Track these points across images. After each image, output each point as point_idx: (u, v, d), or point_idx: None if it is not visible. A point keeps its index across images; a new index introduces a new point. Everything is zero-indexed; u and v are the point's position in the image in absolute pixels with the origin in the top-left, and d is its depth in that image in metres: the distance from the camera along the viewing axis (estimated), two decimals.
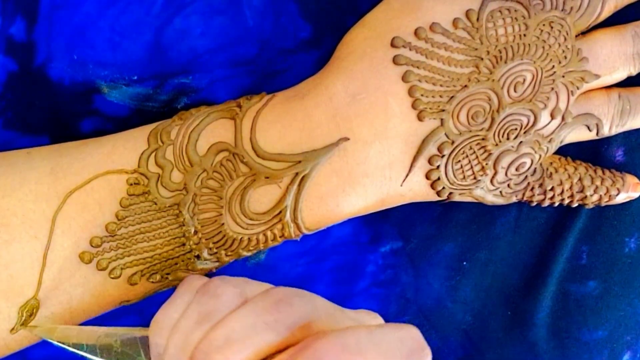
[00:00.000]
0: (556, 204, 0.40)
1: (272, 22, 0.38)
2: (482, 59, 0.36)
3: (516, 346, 0.42)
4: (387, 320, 0.32)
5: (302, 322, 0.27)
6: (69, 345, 0.35)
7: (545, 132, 0.38)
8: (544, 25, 0.37)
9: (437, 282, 0.42)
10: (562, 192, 0.40)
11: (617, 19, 0.39)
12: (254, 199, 0.36)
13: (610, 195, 0.40)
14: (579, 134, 0.39)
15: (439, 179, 0.37)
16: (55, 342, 0.35)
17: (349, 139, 0.36)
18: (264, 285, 0.31)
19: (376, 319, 0.31)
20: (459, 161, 0.37)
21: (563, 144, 0.39)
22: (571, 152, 0.40)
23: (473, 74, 0.36)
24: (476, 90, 0.36)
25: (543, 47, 0.37)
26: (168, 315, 0.31)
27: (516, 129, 0.37)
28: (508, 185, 0.39)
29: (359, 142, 0.36)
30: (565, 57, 0.37)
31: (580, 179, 0.40)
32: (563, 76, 0.37)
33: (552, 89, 0.37)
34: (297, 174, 0.36)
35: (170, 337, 0.30)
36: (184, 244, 0.36)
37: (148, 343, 0.33)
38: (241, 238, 0.36)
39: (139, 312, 0.41)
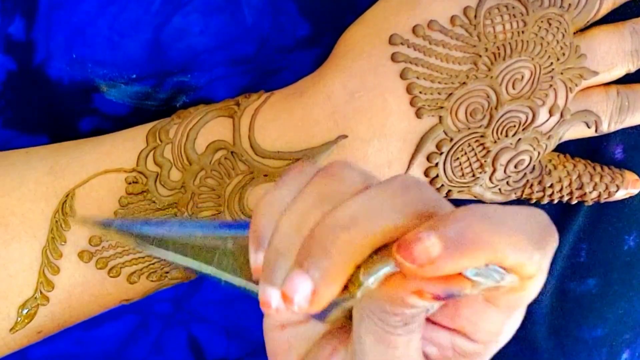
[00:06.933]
0: (555, 201, 0.40)
1: (271, 20, 0.38)
2: (480, 56, 0.36)
3: (515, 344, 0.42)
4: None
5: (430, 211, 0.26)
6: (149, 245, 0.30)
7: (544, 129, 0.38)
8: (542, 22, 0.37)
9: None
10: (561, 189, 0.40)
11: (616, 16, 0.39)
12: (253, 197, 0.36)
13: (609, 192, 0.40)
14: (578, 131, 0.39)
15: (437, 176, 0.37)
16: (134, 242, 0.30)
17: (347, 137, 0.36)
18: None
19: None
20: (458, 158, 0.37)
21: (562, 141, 0.39)
22: (570, 149, 0.40)
23: (471, 71, 0.36)
24: (474, 87, 0.36)
25: (541, 44, 0.37)
26: (278, 197, 0.28)
27: (515, 126, 0.37)
28: (507, 183, 0.39)
29: (357, 140, 0.36)
30: (564, 54, 0.37)
31: (579, 176, 0.40)
32: (561, 73, 0.37)
33: (551, 85, 0.37)
34: None
35: (283, 217, 0.27)
36: None
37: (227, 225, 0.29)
38: None
39: (138, 311, 0.41)
